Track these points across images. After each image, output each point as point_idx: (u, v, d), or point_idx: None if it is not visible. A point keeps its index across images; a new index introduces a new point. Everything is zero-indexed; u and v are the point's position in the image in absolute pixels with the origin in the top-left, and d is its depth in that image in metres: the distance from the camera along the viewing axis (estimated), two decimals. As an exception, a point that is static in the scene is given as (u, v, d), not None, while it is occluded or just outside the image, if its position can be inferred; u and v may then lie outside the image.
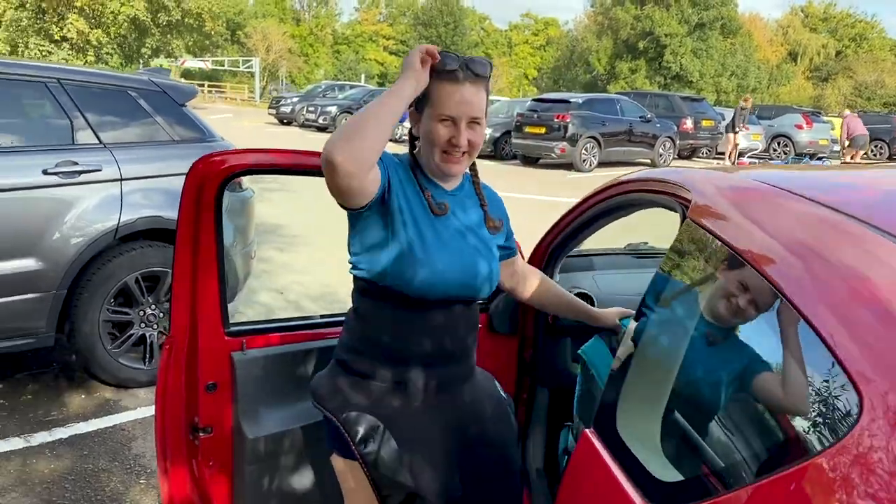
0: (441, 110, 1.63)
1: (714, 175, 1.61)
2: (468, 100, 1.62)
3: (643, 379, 1.43)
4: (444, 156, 1.66)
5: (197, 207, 1.82)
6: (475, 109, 1.64)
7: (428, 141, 1.67)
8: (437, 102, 1.63)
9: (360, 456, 1.66)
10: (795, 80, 58.09)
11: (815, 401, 1.00)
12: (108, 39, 28.60)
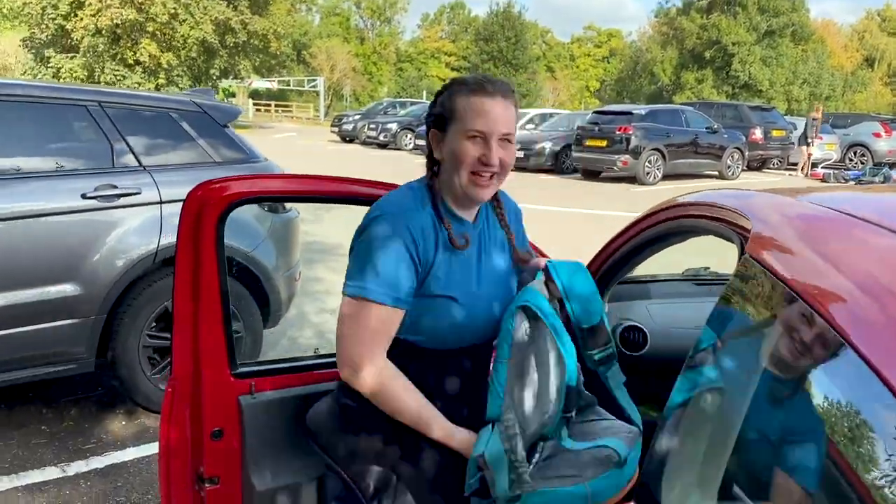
0: (471, 125, 1.48)
1: (779, 200, 1.37)
2: (500, 113, 1.49)
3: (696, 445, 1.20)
4: (471, 177, 1.50)
5: (195, 239, 1.66)
6: (508, 125, 1.51)
7: (454, 161, 1.50)
8: (465, 117, 1.49)
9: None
10: (872, 86, 55.77)
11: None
12: (178, 62, 29.45)
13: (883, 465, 0.86)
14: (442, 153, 1.54)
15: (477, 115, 1.48)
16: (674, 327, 2.39)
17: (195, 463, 1.80)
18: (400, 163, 18.78)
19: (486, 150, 1.48)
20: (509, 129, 1.51)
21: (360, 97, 57.96)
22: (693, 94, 44.99)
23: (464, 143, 1.48)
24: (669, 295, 2.62)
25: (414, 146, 22.65)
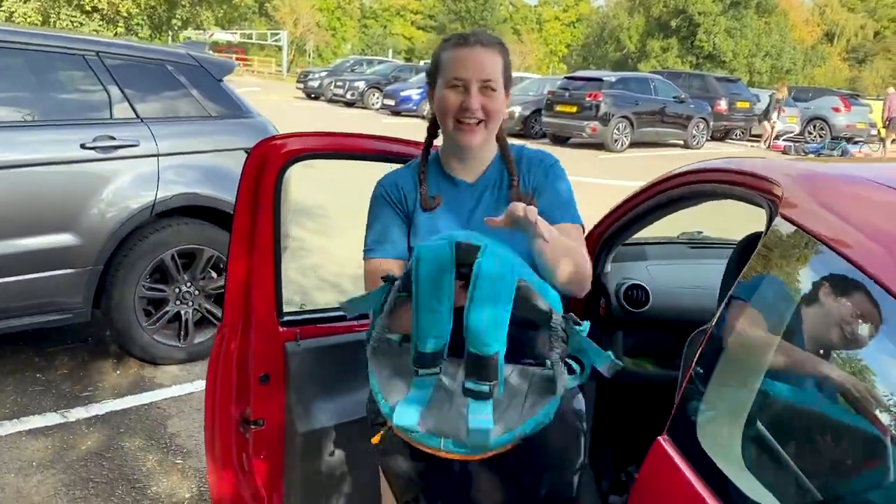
0: (451, 74, 1.56)
1: (803, 167, 1.51)
2: (478, 60, 1.55)
3: (727, 387, 1.34)
4: (457, 125, 1.58)
5: (255, 193, 1.74)
6: (486, 71, 1.55)
7: (440, 111, 1.60)
8: (447, 67, 1.57)
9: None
10: (831, 61, 56.73)
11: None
12: (138, 10, 28.54)
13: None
14: (434, 108, 1.63)
15: (456, 63, 1.55)
16: (674, 286, 2.54)
17: (240, 406, 1.90)
18: (369, 122, 18.67)
19: (465, 96, 1.55)
20: (489, 76, 1.55)
21: (323, 53, 56.95)
22: (658, 63, 45.27)
23: (446, 93, 1.56)
24: (667, 256, 2.77)
25: (381, 105, 22.48)
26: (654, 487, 1.38)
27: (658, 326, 2.49)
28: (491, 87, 1.56)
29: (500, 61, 1.58)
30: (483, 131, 1.59)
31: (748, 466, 1.24)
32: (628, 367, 2.59)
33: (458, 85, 1.55)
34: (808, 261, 1.26)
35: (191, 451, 3.22)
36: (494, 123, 1.60)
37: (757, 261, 1.36)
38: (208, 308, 4.09)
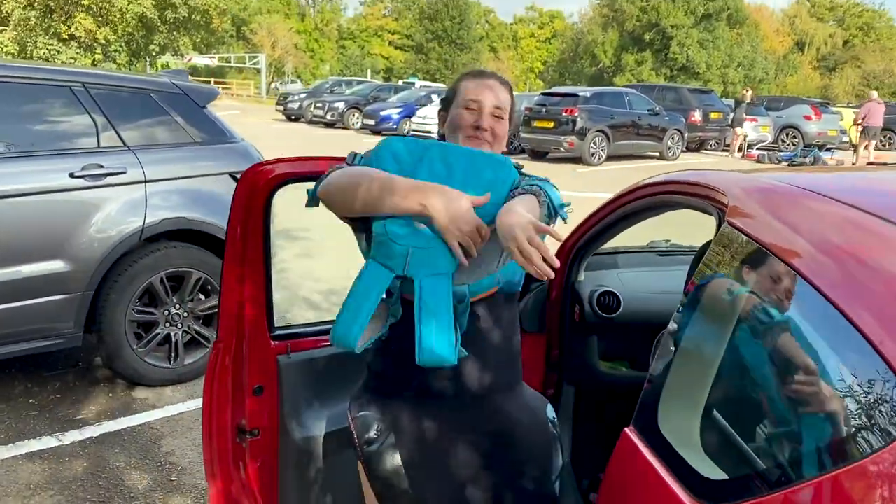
0: (468, 96, 1.73)
1: (748, 178, 1.65)
2: (494, 89, 1.75)
3: (684, 379, 1.47)
4: (467, 140, 1.71)
5: (246, 215, 1.86)
6: (499, 100, 1.74)
7: (453, 127, 1.74)
8: (464, 94, 1.74)
9: (361, 455, 1.67)
10: (802, 70, 57.82)
11: (863, 401, 1.04)
12: (115, 37, 28.61)
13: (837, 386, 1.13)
14: (444, 128, 1.79)
15: (472, 90, 1.74)
16: (643, 292, 2.68)
17: (236, 417, 2.01)
18: (350, 142, 18.82)
19: (479, 116, 1.71)
20: (500, 104, 1.73)
21: (301, 75, 57.20)
22: (633, 76, 45.94)
23: (461, 112, 1.73)
24: (637, 264, 2.91)
25: (362, 125, 22.68)
26: (621, 474, 1.51)
27: (630, 330, 2.62)
28: (501, 114, 1.74)
29: (509, 97, 1.78)
30: (489, 149, 1.72)
31: (705, 450, 1.38)
32: (604, 371, 2.72)
33: (473, 107, 1.72)
34: (751, 263, 1.40)
35: (185, 469, 3.30)
36: (499, 147, 1.76)
37: (706, 264, 1.51)
38: (197, 329, 4.18)
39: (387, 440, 1.65)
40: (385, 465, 1.64)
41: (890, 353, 1.02)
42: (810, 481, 1.06)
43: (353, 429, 1.69)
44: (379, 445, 1.65)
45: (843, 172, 2.06)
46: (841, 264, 1.20)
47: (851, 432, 1.05)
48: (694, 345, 1.49)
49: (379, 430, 1.66)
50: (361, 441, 1.67)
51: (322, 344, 2.08)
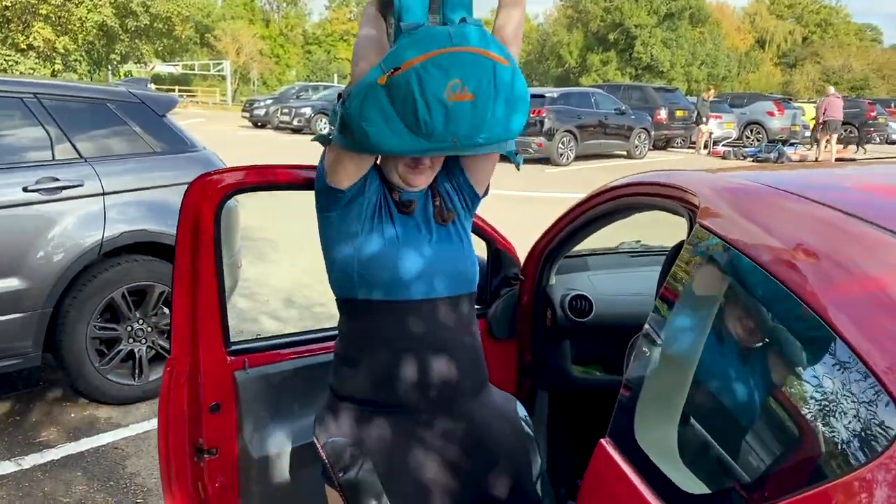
0: None
1: (717, 178, 1.62)
2: None
3: (660, 387, 1.43)
4: (407, 168, 1.60)
5: (195, 227, 1.79)
6: None
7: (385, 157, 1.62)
8: None
9: (338, 484, 1.60)
10: (764, 66, 58.70)
11: (844, 408, 1.00)
12: (75, 47, 28.10)
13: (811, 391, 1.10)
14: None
15: None
16: (615, 295, 2.64)
17: (193, 436, 1.92)
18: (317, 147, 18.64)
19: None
20: None
21: (267, 81, 56.74)
22: (599, 77, 46.27)
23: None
24: (608, 266, 2.87)
25: (329, 131, 22.49)
26: (598, 487, 1.46)
27: (603, 334, 2.59)
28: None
29: None
30: (431, 172, 1.64)
31: (683, 460, 1.33)
32: (578, 376, 2.68)
33: None
34: (723, 265, 1.36)
35: (151, 490, 3.20)
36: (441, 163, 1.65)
37: (678, 267, 1.46)
38: (162, 344, 4.07)
39: (363, 465, 1.60)
40: (367, 491, 1.58)
41: (869, 356, 0.98)
42: (794, 495, 1.02)
43: (323, 456, 1.63)
44: (357, 472, 1.59)
45: (813, 170, 2.04)
46: (814, 265, 1.17)
47: (836, 444, 1.01)
48: (668, 351, 1.45)
49: (353, 456, 1.60)
50: (336, 469, 1.60)
51: (283, 357, 2.01)
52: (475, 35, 1.45)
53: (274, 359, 1.98)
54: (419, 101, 1.39)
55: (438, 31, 1.44)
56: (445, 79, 1.39)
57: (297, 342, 2.06)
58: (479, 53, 1.43)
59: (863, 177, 1.81)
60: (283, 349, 2.02)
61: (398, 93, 1.40)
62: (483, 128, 1.46)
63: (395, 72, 1.40)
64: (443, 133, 1.43)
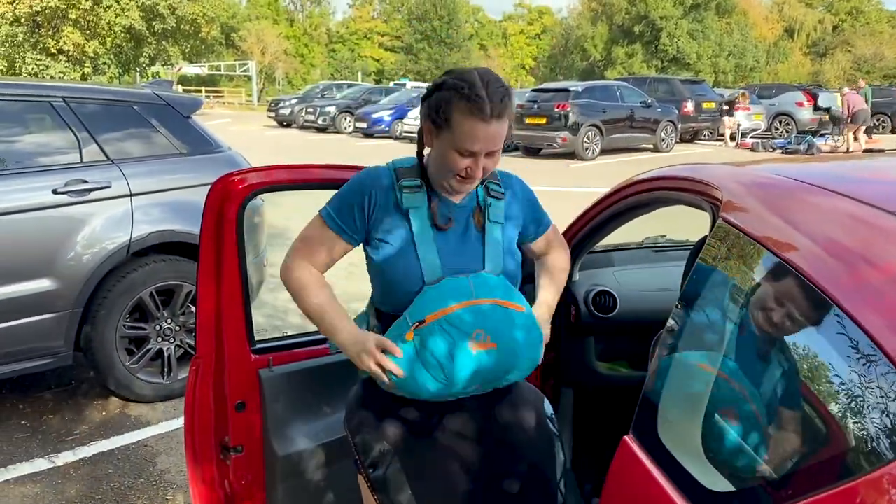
0: (463, 144, 1.54)
1: (741, 171, 1.59)
2: (492, 135, 1.54)
3: (683, 383, 1.41)
4: (459, 179, 1.60)
5: (218, 227, 1.81)
6: (497, 143, 1.57)
7: (442, 165, 1.60)
8: (459, 135, 1.54)
9: (368, 480, 1.64)
10: (793, 56, 57.78)
11: (872, 406, 0.98)
12: (104, 50, 28.55)
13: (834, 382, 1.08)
14: (432, 150, 1.63)
15: (470, 137, 1.52)
16: (639, 291, 2.62)
17: (219, 434, 1.95)
18: (343, 146, 18.78)
19: (473, 164, 1.56)
20: (497, 145, 1.57)
21: (292, 80, 57.14)
22: (624, 69, 45.91)
23: (453, 155, 1.55)
24: (632, 261, 2.85)
25: (354, 128, 22.61)
26: (621, 484, 1.45)
27: (628, 330, 2.57)
28: (495, 149, 1.58)
29: (507, 124, 1.58)
30: (478, 180, 1.63)
31: (707, 457, 1.32)
32: (602, 372, 2.66)
33: (467, 154, 1.55)
34: (747, 260, 1.34)
35: (181, 486, 3.24)
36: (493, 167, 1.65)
37: (702, 262, 1.45)
38: (190, 343, 4.12)
39: (391, 462, 1.63)
40: (394, 488, 1.61)
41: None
42: (820, 492, 1.00)
43: (354, 451, 1.68)
44: (385, 469, 1.62)
45: (840, 162, 2.01)
46: (840, 260, 1.14)
47: (860, 442, 0.99)
48: (692, 346, 1.43)
49: (382, 452, 1.63)
50: (366, 464, 1.65)
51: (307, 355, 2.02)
52: (494, 285, 1.58)
53: (298, 357, 2.00)
54: (443, 352, 1.50)
55: (459, 284, 1.56)
56: (468, 330, 1.51)
57: (321, 340, 2.07)
58: (498, 304, 1.56)
59: (891, 169, 1.77)
60: (308, 347, 2.03)
61: (424, 346, 1.51)
62: (508, 370, 1.60)
63: (419, 325, 1.51)
64: (467, 380, 1.54)
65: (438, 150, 1.60)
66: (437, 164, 1.62)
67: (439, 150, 1.59)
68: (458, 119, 1.53)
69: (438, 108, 1.56)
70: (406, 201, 1.62)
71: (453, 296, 1.53)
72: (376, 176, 1.66)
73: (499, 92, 1.54)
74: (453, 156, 1.56)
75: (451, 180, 1.61)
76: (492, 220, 1.69)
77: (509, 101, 1.56)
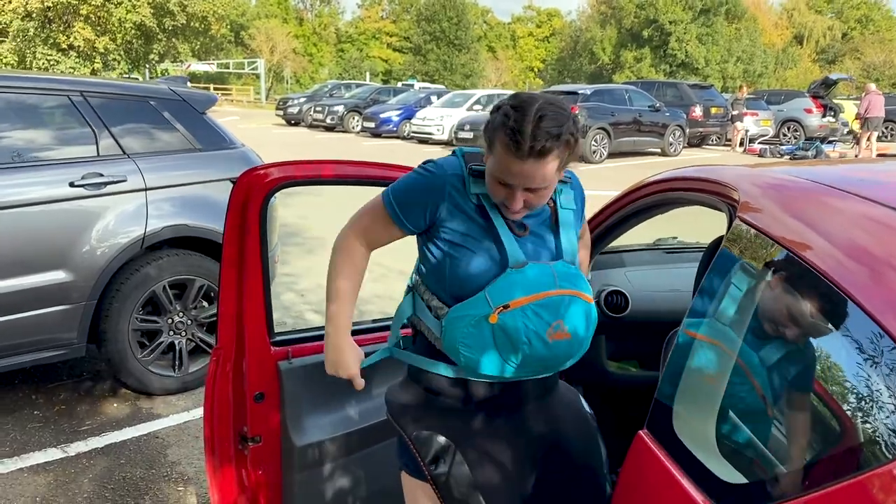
0: (499, 174, 1.52)
1: (758, 173, 1.62)
2: (528, 174, 1.49)
3: (699, 380, 1.44)
4: (504, 206, 1.58)
5: (242, 220, 1.84)
6: (535, 181, 1.51)
7: (488, 184, 1.58)
8: (497, 164, 1.52)
9: (430, 477, 1.63)
10: (802, 63, 57.69)
11: (887, 404, 1.01)
12: (114, 46, 28.67)
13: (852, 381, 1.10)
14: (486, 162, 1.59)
15: (504, 169, 1.50)
16: (651, 291, 2.64)
17: (238, 424, 1.98)
18: (350, 145, 18.83)
19: (509, 195, 1.53)
20: (538, 184, 1.51)
21: (300, 79, 57.26)
22: (632, 73, 45.89)
23: (493, 183, 1.54)
24: (643, 262, 2.88)
25: (362, 128, 22.67)
26: (636, 478, 1.47)
27: (639, 330, 2.59)
28: (538, 187, 1.52)
29: (555, 164, 1.51)
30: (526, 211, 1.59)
31: (722, 452, 1.34)
32: (613, 371, 2.69)
33: (503, 184, 1.53)
34: (764, 260, 1.37)
35: (192, 478, 3.28)
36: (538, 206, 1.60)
37: (719, 261, 1.47)
38: (201, 337, 4.16)
39: (455, 460, 1.63)
40: (459, 485, 1.62)
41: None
42: (832, 486, 1.02)
43: (413, 448, 1.66)
44: (448, 467, 1.63)
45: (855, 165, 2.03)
46: (858, 259, 1.17)
47: (874, 436, 1.02)
48: (708, 344, 1.46)
49: (443, 449, 1.64)
50: (426, 461, 1.64)
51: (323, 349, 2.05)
52: (574, 276, 1.60)
53: (317, 350, 2.03)
54: (522, 338, 1.51)
55: (543, 271, 1.56)
56: (550, 319, 1.53)
57: None
58: (578, 296, 1.58)
59: None
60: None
61: (502, 330, 1.51)
62: (571, 358, 1.63)
63: (503, 309, 1.51)
64: (536, 364, 1.57)
65: (488, 174, 1.58)
66: (486, 181, 1.59)
67: (488, 170, 1.57)
68: (499, 149, 1.50)
69: (489, 131, 1.55)
70: (474, 187, 1.60)
71: (539, 283, 1.53)
72: (445, 169, 1.63)
73: (547, 132, 1.46)
74: (492, 181, 1.55)
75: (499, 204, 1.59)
76: (564, 206, 1.68)
77: (556, 142, 1.47)
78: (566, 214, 1.68)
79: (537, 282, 1.53)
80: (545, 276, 1.55)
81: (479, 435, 1.65)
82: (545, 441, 1.70)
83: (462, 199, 1.61)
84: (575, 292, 1.57)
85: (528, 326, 1.51)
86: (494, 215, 1.59)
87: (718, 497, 1.21)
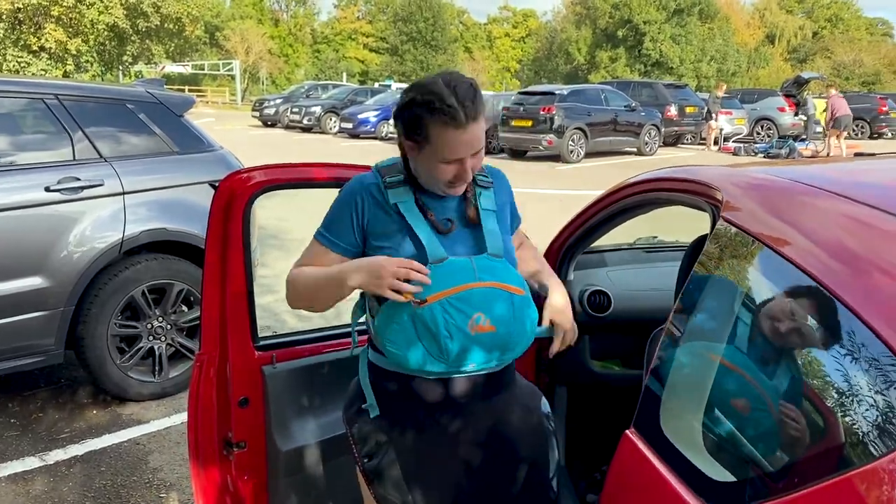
0: (446, 155, 1.55)
1: (740, 173, 1.64)
2: (470, 140, 1.55)
3: (685, 379, 1.45)
4: (449, 184, 1.62)
5: (225, 225, 1.83)
6: (478, 144, 1.58)
7: (431, 177, 1.61)
8: (441, 148, 1.55)
9: (362, 470, 1.66)
10: (774, 62, 58.41)
11: (872, 400, 1.02)
12: (87, 48, 28.31)
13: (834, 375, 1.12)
14: (416, 163, 1.63)
15: (451, 147, 1.54)
16: (632, 290, 2.66)
17: (222, 430, 1.96)
18: (328, 146, 18.76)
19: (461, 168, 1.58)
20: (480, 146, 1.58)
21: (276, 80, 56.91)
22: (607, 73, 46.19)
23: (440, 167, 1.57)
24: (625, 262, 2.89)
25: (339, 129, 22.58)
26: (624, 477, 1.48)
27: (621, 329, 2.61)
28: (478, 150, 1.59)
29: (483, 124, 1.58)
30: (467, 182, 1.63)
31: (709, 451, 1.36)
32: (597, 370, 2.70)
33: (453, 163, 1.56)
34: (748, 258, 1.38)
35: (174, 485, 3.24)
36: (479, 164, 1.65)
37: (703, 261, 1.49)
38: (181, 342, 4.12)
39: (387, 453, 1.65)
40: (388, 479, 1.63)
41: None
42: (819, 483, 1.04)
43: (351, 442, 1.69)
44: (379, 460, 1.64)
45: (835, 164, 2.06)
46: (840, 257, 1.19)
47: (860, 433, 1.03)
48: (693, 343, 1.47)
49: (378, 443, 1.65)
50: (361, 455, 1.67)
51: (310, 352, 2.04)
52: (496, 268, 1.60)
53: (301, 354, 2.02)
54: (443, 333, 1.51)
55: (463, 265, 1.57)
56: (470, 312, 1.52)
57: (322, 337, 2.10)
58: (500, 288, 1.57)
59: (887, 171, 1.82)
60: (310, 344, 2.06)
61: (422, 323, 1.52)
62: (504, 351, 1.61)
63: (421, 303, 1.51)
64: (464, 360, 1.56)
65: (424, 164, 1.60)
66: (426, 175, 1.62)
67: (425, 164, 1.60)
68: (436, 133, 1.53)
69: (414, 126, 1.57)
70: (392, 196, 1.63)
71: (456, 277, 1.54)
72: (361, 181, 1.68)
73: (468, 94, 1.53)
74: (440, 167, 1.57)
75: (442, 187, 1.63)
76: (485, 208, 1.70)
77: (479, 98, 1.56)
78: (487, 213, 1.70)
79: (455, 275, 1.54)
80: (464, 270, 1.56)
81: (418, 432, 1.65)
82: (487, 442, 1.69)
83: (382, 204, 1.64)
84: (497, 284, 1.57)
85: (448, 320, 1.51)
86: (414, 217, 1.62)
87: (707, 495, 1.22)
